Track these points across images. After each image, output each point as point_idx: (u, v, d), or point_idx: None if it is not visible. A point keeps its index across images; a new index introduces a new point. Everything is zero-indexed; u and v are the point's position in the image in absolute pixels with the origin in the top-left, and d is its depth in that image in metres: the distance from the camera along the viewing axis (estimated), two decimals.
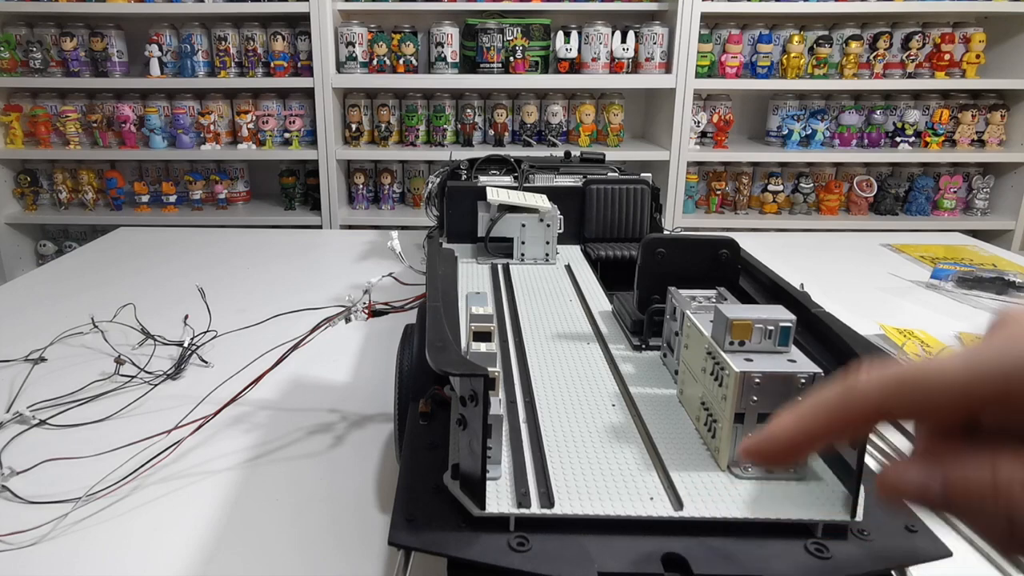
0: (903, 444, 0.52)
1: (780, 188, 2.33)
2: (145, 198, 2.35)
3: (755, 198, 2.38)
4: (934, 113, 2.23)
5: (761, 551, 0.29)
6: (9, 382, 0.61)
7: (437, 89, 2.30)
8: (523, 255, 0.63)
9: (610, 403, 0.40)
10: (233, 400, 0.50)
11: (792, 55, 2.16)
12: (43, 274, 0.93)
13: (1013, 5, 2.12)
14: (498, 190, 0.66)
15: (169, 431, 0.49)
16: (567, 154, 0.82)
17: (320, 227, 2.26)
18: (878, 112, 2.25)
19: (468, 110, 2.28)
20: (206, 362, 0.65)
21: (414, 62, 2.23)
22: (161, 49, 2.23)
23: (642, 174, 0.74)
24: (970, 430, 0.23)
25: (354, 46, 2.19)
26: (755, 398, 0.32)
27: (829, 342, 0.36)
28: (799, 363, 0.33)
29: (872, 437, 0.53)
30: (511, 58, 2.19)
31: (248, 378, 0.51)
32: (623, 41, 2.17)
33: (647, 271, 0.48)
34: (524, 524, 0.30)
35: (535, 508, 0.30)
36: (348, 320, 0.55)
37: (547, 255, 0.63)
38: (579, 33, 2.20)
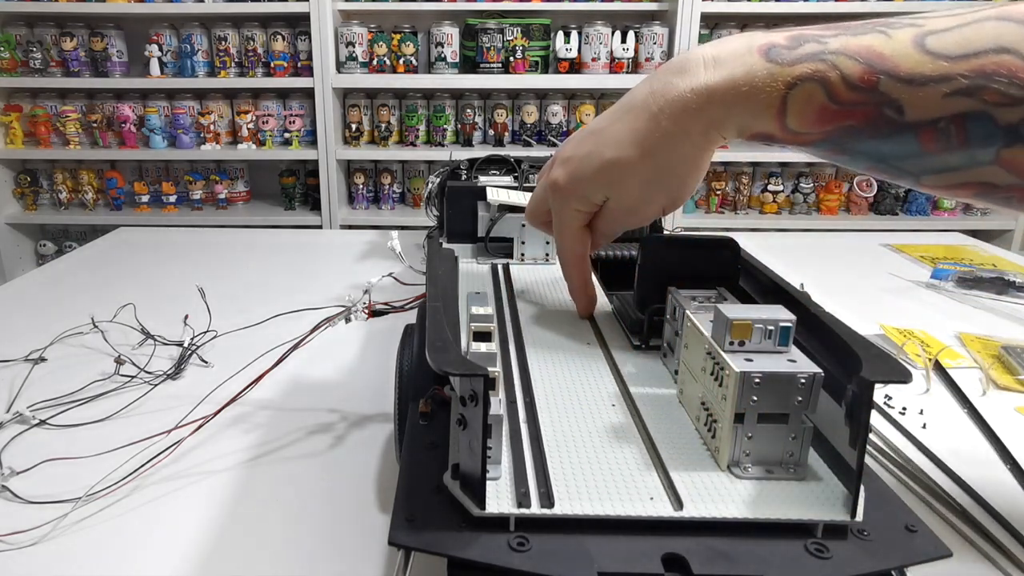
0: (904, 445, 0.52)
1: (780, 188, 2.33)
2: (145, 198, 2.35)
3: (755, 198, 2.38)
4: None
5: (761, 551, 0.29)
6: (9, 382, 0.61)
7: (437, 89, 2.30)
8: (523, 255, 0.63)
9: (610, 403, 0.40)
10: (233, 400, 0.50)
11: None
12: (43, 274, 0.93)
13: (1012, 5, 2.12)
14: (498, 190, 0.66)
15: (169, 431, 0.49)
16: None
17: (320, 227, 2.26)
18: None
19: (468, 110, 2.29)
20: (206, 362, 0.65)
21: (414, 62, 2.23)
22: (161, 49, 2.24)
23: None
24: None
25: (354, 46, 2.19)
26: (755, 398, 0.32)
27: (829, 342, 0.36)
28: (799, 363, 0.33)
29: (872, 438, 0.53)
30: (511, 58, 2.19)
31: (248, 378, 0.52)
32: (623, 41, 2.17)
33: (647, 271, 0.48)
34: (524, 524, 0.30)
35: (535, 508, 0.30)
36: (348, 320, 0.55)
37: (547, 255, 0.63)
38: (579, 33, 2.20)
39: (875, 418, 0.55)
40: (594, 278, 0.58)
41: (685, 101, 0.39)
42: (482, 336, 0.38)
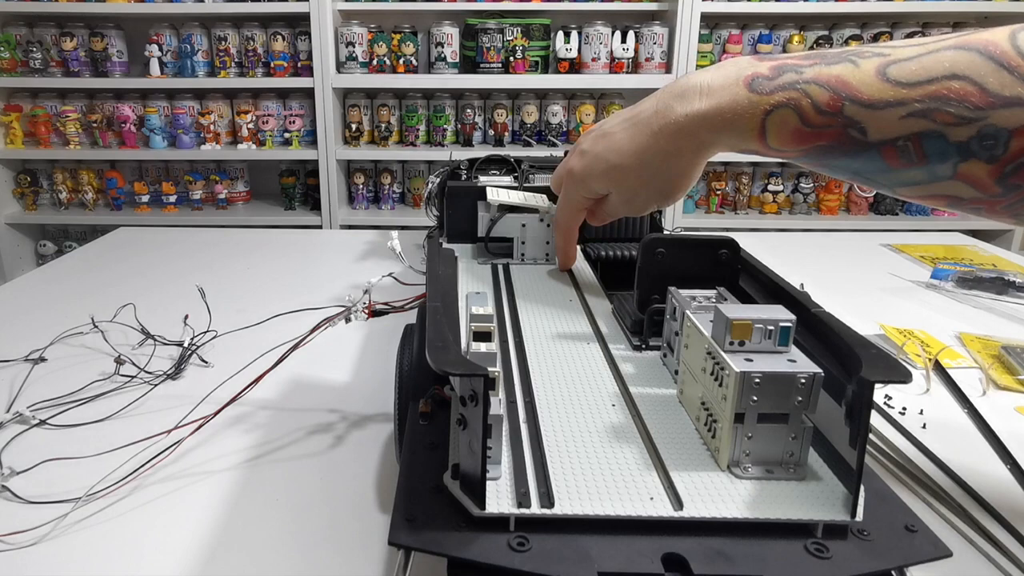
0: (904, 445, 0.52)
1: (780, 188, 2.34)
2: (145, 198, 2.35)
3: (755, 198, 2.38)
4: None
5: (761, 551, 0.30)
6: (9, 382, 0.61)
7: (437, 89, 2.30)
8: (523, 255, 0.63)
9: (610, 403, 0.40)
10: (233, 400, 0.50)
11: None
12: (43, 274, 0.93)
13: (1013, 5, 2.12)
14: (498, 190, 0.66)
15: (169, 431, 0.49)
16: (567, 155, 0.82)
17: (320, 227, 2.26)
18: None
19: (468, 110, 2.29)
20: (206, 362, 0.65)
21: (414, 62, 2.23)
22: (161, 49, 2.24)
23: None
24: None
25: (354, 46, 2.19)
26: (755, 398, 0.32)
27: (829, 342, 0.36)
28: (799, 363, 0.33)
29: (872, 438, 0.53)
30: (511, 58, 2.19)
31: (248, 378, 0.51)
32: (623, 41, 2.17)
33: (647, 271, 0.48)
34: (524, 524, 0.30)
35: (535, 508, 0.30)
36: (348, 320, 0.55)
37: (547, 255, 0.63)
38: (579, 33, 2.20)
39: (875, 418, 0.55)
40: (594, 274, 0.61)
41: (680, 124, 0.46)
42: (482, 336, 0.38)
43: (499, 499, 0.31)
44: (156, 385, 0.60)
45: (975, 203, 0.40)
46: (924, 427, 0.55)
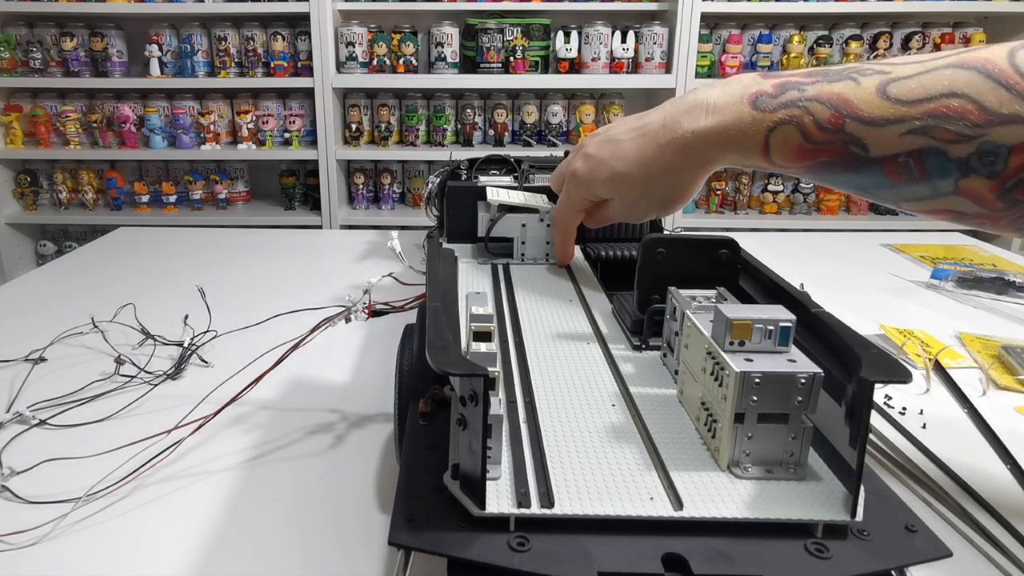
0: (904, 445, 0.52)
1: (780, 188, 2.33)
2: (145, 198, 2.35)
3: (755, 198, 2.38)
4: None
5: (761, 551, 0.30)
6: (9, 382, 0.61)
7: (437, 89, 2.30)
8: (523, 255, 0.63)
9: (610, 403, 0.40)
10: (233, 400, 0.50)
11: (792, 55, 2.16)
12: (43, 274, 0.93)
13: (1013, 5, 2.12)
14: (498, 190, 0.66)
15: (169, 431, 0.49)
16: (567, 154, 0.82)
17: (320, 227, 2.26)
18: None
19: (468, 110, 2.28)
20: (206, 362, 0.65)
21: (414, 62, 2.23)
22: (161, 49, 2.24)
23: None
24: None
25: (354, 46, 2.19)
26: (755, 398, 0.32)
27: (829, 342, 0.36)
28: (799, 363, 0.33)
29: (872, 438, 0.53)
30: (511, 58, 2.19)
31: (248, 378, 0.51)
32: (623, 41, 2.17)
33: (647, 271, 0.48)
34: (524, 524, 0.30)
35: (535, 508, 0.30)
36: (348, 320, 0.55)
37: (547, 255, 0.64)
38: (579, 33, 2.20)
39: (875, 418, 0.55)
40: (594, 274, 0.61)
41: (686, 140, 0.47)
42: (482, 336, 0.38)
43: (499, 499, 0.31)
44: (156, 385, 0.60)
45: (979, 218, 0.41)
46: (924, 427, 0.55)
